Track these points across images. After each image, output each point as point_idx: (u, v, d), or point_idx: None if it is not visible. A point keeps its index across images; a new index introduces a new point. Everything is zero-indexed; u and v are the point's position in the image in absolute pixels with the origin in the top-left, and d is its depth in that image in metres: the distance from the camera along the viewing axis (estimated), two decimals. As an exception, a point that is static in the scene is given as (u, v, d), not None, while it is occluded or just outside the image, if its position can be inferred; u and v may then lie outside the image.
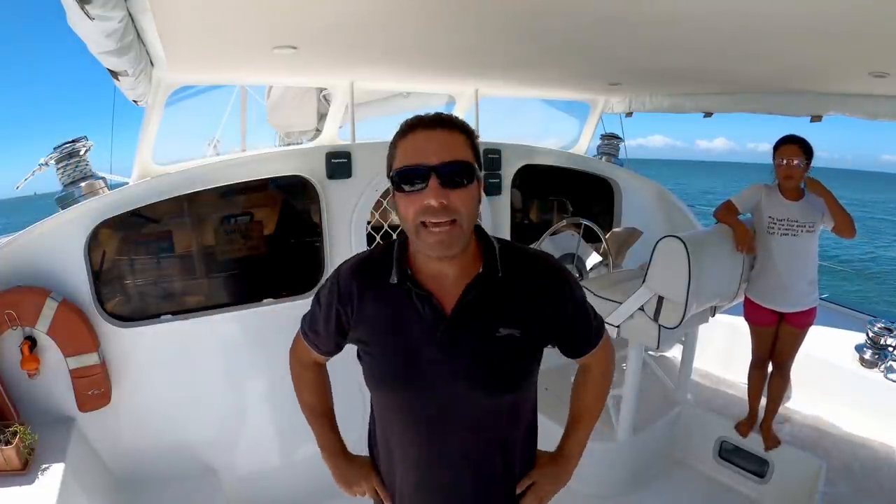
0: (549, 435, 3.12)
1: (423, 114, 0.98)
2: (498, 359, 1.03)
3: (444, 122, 0.96)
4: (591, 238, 3.30)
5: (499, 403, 1.08)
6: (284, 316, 2.35)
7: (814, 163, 2.40)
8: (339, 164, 2.58)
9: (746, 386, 2.75)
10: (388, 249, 1.08)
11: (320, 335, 1.16)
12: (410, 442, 1.11)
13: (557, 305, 1.08)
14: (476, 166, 0.97)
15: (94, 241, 2.19)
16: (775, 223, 2.44)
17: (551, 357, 3.80)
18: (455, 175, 0.93)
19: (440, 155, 0.93)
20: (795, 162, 2.34)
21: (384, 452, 1.17)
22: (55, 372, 2.10)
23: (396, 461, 1.14)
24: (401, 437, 1.12)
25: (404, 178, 0.94)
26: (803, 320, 2.49)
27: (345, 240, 2.67)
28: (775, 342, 2.59)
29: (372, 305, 1.06)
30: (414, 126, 0.96)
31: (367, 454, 1.27)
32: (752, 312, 2.61)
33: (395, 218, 2.68)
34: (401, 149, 0.96)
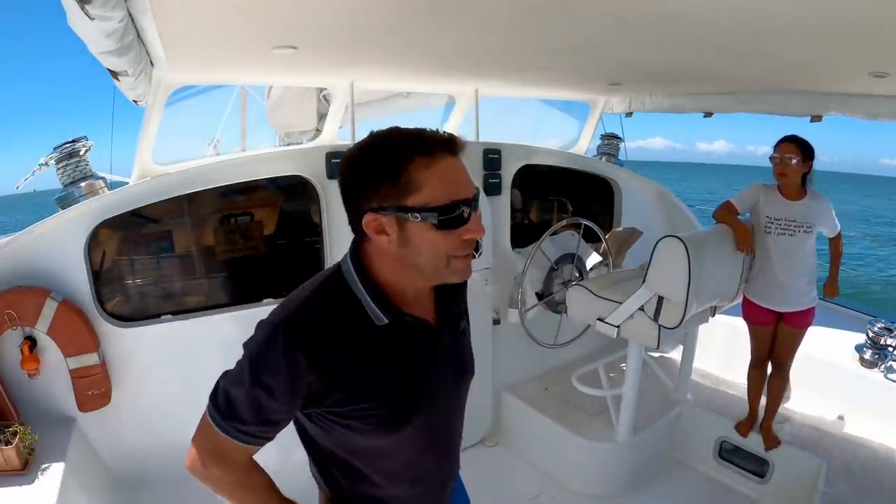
0: (549, 434, 3.11)
1: (427, 130, 0.87)
2: (467, 349, 1.11)
3: (460, 146, 0.87)
4: (591, 238, 3.31)
5: (468, 386, 1.13)
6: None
7: (814, 165, 2.41)
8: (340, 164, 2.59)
9: (746, 386, 2.76)
10: (337, 289, 0.92)
11: (278, 423, 0.91)
12: (420, 456, 1.04)
13: (465, 290, 1.14)
14: None
15: (94, 241, 2.19)
16: (772, 222, 2.44)
17: (551, 357, 3.80)
18: (478, 205, 0.89)
19: (472, 185, 0.87)
20: (794, 161, 2.34)
21: (382, 482, 1.03)
22: (55, 372, 2.10)
23: (398, 484, 1.05)
24: (408, 460, 1.03)
25: (451, 214, 0.83)
26: (801, 320, 2.49)
27: (345, 240, 2.65)
28: (774, 342, 2.59)
29: (358, 358, 0.90)
30: (440, 149, 0.85)
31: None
32: (750, 312, 2.61)
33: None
34: (431, 176, 0.83)
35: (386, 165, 0.84)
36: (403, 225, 0.85)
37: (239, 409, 0.89)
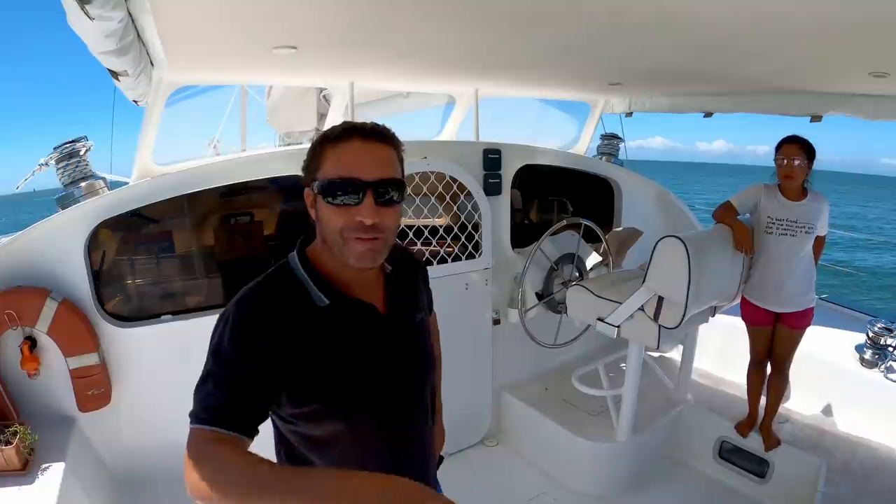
0: (549, 434, 3.10)
1: (357, 122, 0.94)
2: (423, 341, 1.13)
3: (381, 135, 0.93)
4: (591, 238, 3.31)
5: (430, 381, 1.16)
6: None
7: (815, 165, 2.40)
8: None
9: (746, 386, 2.75)
10: (283, 275, 0.98)
11: (258, 399, 0.88)
12: (378, 447, 1.02)
13: (426, 283, 1.23)
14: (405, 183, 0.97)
15: (94, 241, 2.19)
16: (773, 223, 2.43)
17: (551, 357, 3.79)
18: (388, 193, 0.91)
19: (377, 170, 0.90)
20: (797, 162, 2.34)
21: None
22: (55, 372, 2.10)
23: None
24: (366, 451, 1.01)
25: (337, 189, 0.89)
26: (799, 321, 2.48)
27: None
28: (773, 342, 2.59)
29: (303, 338, 0.92)
30: (349, 133, 0.91)
31: None
32: (748, 312, 2.61)
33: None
34: (333, 154, 0.91)
35: (313, 149, 0.95)
36: (317, 199, 0.93)
37: (212, 395, 0.87)
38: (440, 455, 1.37)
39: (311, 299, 0.95)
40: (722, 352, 3.38)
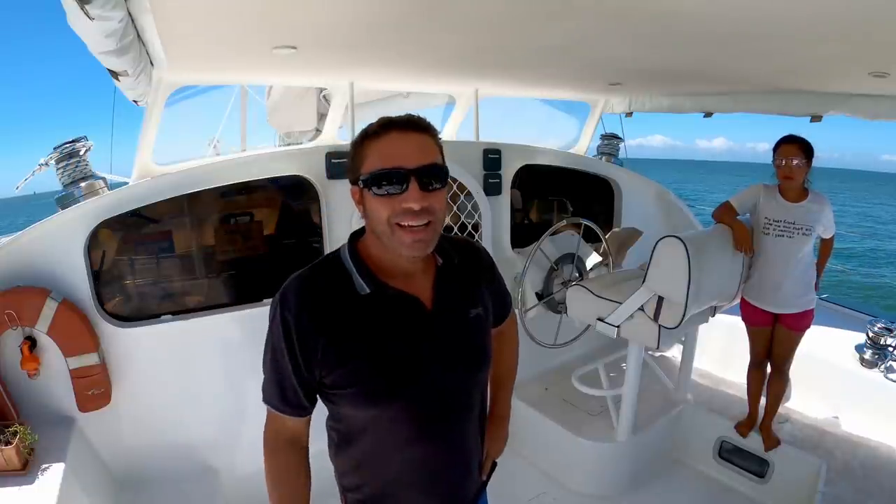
0: (549, 434, 3.09)
1: (391, 116, 0.98)
2: (475, 338, 1.12)
3: (417, 125, 0.97)
4: (591, 238, 3.31)
5: (479, 379, 1.14)
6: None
7: (815, 163, 2.40)
8: (339, 164, 2.58)
9: (746, 386, 2.75)
10: (331, 264, 1.04)
11: (301, 385, 1.01)
12: (413, 440, 1.05)
13: (493, 281, 1.24)
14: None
15: (94, 241, 2.19)
16: (771, 224, 2.43)
17: (551, 357, 3.78)
18: (432, 178, 0.95)
19: (418, 158, 0.94)
20: (795, 162, 2.33)
21: (378, 466, 1.08)
22: (55, 372, 2.10)
23: (393, 470, 1.08)
24: (401, 443, 1.05)
25: (383, 180, 0.93)
26: (798, 322, 2.48)
27: (345, 240, 2.66)
28: (772, 343, 2.59)
29: (342, 324, 0.98)
30: (387, 127, 0.96)
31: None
32: (747, 312, 2.61)
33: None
34: (373, 149, 0.95)
35: (353, 148, 1.00)
36: (363, 194, 0.98)
37: (267, 380, 1.04)
38: (494, 461, 1.38)
39: (353, 287, 1.00)
40: (722, 352, 3.38)
